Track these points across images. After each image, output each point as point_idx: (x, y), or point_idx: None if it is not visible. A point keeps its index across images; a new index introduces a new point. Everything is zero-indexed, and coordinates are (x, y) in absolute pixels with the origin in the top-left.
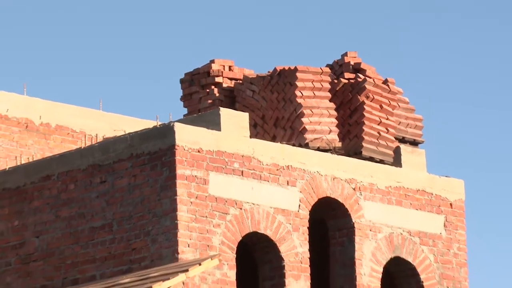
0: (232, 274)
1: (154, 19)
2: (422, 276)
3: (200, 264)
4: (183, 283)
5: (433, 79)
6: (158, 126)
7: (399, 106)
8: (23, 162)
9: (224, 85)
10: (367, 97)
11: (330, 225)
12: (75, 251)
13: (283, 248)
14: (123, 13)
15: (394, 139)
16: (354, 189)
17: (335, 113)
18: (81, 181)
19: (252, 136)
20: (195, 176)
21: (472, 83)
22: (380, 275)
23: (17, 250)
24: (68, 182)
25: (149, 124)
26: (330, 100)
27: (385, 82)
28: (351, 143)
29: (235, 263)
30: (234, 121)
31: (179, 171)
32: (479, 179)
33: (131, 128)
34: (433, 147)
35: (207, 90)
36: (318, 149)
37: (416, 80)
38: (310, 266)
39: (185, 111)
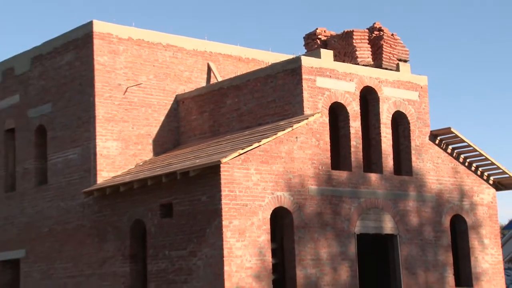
0: (326, 120)
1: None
2: (409, 118)
3: (312, 115)
4: (306, 124)
5: (416, 31)
6: (294, 57)
7: (398, 44)
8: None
9: (322, 39)
10: (385, 42)
11: (368, 98)
12: (254, 110)
13: (348, 108)
14: None
15: (396, 59)
16: (379, 82)
17: (370, 49)
18: (261, 82)
19: (334, 60)
20: (310, 78)
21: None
22: (390, 117)
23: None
24: (255, 82)
25: (290, 56)
26: (368, 44)
27: (392, 34)
28: (377, 62)
29: (328, 114)
30: (326, 54)
31: (304, 76)
32: (437, 75)
33: (283, 59)
34: (414, 62)
35: (315, 41)
36: (363, 65)
37: (406, 31)
38: (360, 115)
39: (305, 51)
